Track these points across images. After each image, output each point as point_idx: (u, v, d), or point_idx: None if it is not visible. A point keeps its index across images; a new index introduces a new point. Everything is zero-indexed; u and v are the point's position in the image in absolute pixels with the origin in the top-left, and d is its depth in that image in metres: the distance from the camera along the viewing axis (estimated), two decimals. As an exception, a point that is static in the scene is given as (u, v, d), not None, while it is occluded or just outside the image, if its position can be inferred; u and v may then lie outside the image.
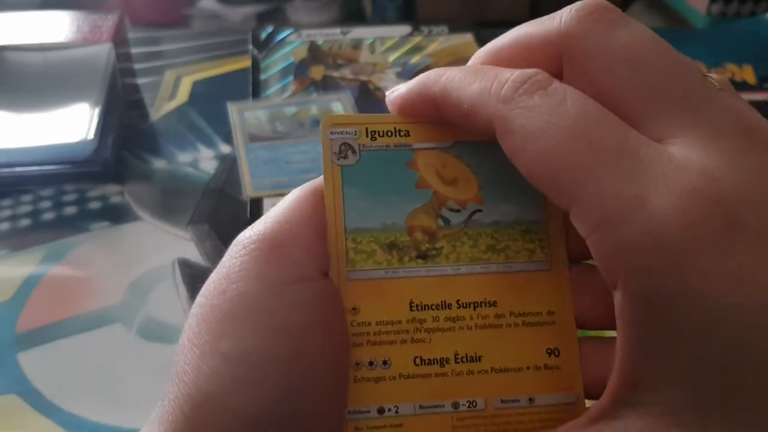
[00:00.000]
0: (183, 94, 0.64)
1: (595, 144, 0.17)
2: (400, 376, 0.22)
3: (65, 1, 0.68)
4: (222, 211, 0.51)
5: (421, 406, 0.22)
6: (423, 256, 0.22)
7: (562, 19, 0.20)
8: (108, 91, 0.56)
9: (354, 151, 0.23)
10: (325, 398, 0.21)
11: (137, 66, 0.67)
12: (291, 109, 0.60)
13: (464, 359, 0.22)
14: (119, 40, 0.62)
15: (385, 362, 0.22)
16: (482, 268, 0.23)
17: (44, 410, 0.38)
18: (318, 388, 0.20)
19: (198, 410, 0.20)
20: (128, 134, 0.58)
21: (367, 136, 0.23)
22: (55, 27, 0.62)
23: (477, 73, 0.20)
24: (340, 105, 0.61)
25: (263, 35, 0.71)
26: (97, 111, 0.54)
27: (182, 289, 0.45)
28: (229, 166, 0.55)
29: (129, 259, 0.48)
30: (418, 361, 0.22)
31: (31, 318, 0.43)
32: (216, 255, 0.48)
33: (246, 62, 0.67)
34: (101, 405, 0.38)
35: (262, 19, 0.76)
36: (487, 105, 0.19)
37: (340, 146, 0.23)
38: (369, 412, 0.22)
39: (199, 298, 0.22)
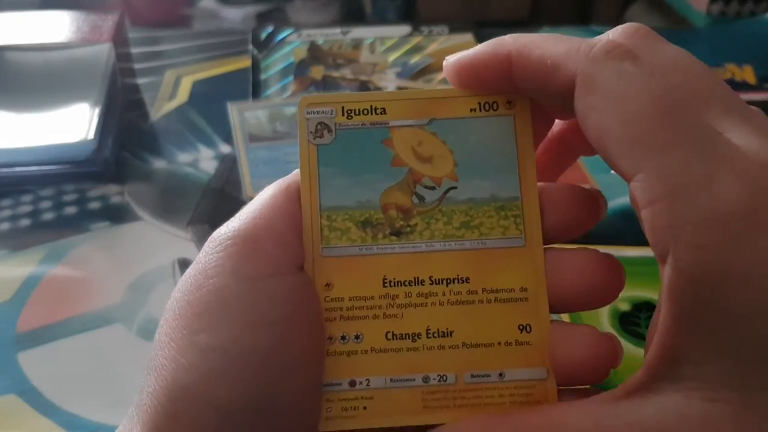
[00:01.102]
0: (183, 94, 0.64)
1: (676, 119, 0.18)
2: (371, 350, 0.22)
3: (65, 1, 0.68)
4: (222, 211, 0.51)
5: (392, 380, 0.22)
6: (397, 233, 0.23)
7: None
8: (108, 91, 0.56)
9: (330, 131, 0.23)
10: (303, 388, 0.21)
11: (137, 66, 0.67)
12: (291, 109, 0.60)
13: (436, 334, 0.22)
14: (119, 40, 0.62)
15: (357, 337, 0.22)
16: (456, 244, 0.23)
17: (44, 410, 0.38)
18: (295, 378, 0.21)
19: (176, 402, 0.20)
20: (128, 134, 0.58)
21: (343, 114, 0.23)
22: (55, 27, 0.62)
23: (559, 38, 0.21)
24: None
25: (263, 35, 0.71)
26: (97, 111, 0.54)
27: (182, 289, 0.45)
28: (229, 166, 0.55)
29: (129, 259, 0.48)
30: (389, 335, 0.22)
31: (31, 318, 0.43)
32: (216, 255, 0.48)
33: (246, 62, 0.67)
34: (101, 405, 0.38)
35: (262, 19, 0.76)
36: (574, 61, 0.20)
37: (317, 126, 0.23)
38: (341, 384, 0.22)
39: (175, 293, 0.22)
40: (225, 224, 0.22)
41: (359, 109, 0.23)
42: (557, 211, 0.23)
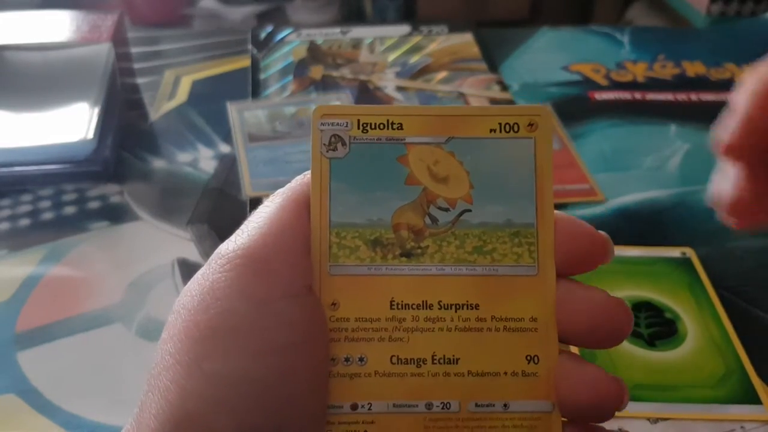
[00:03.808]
0: (182, 93, 0.63)
1: None
2: (375, 374, 0.22)
3: (65, 1, 0.68)
4: (221, 210, 0.51)
5: (394, 405, 0.22)
6: (407, 255, 0.22)
7: None
8: (107, 91, 0.56)
9: (344, 144, 0.22)
10: (308, 414, 0.21)
11: (137, 66, 0.67)
12: (290, 109, 0.60)
13: (441, 361, 0.22)
14: (119, 39, 0.62)
15: (361, 359, 0.22)
16: (467, 270, 0.22)
17: (43, 410, 0.38)
18: (301, 405, 0.20)
19: (181, 429, 0.20)
20: (128, 134, 0.58)
21: (358, 128, 0.22)
22: (55, 27, 0.62)
23: None
24: (339, 104, 0.61)
25: (263, 35, 0.71)
26: (96, 111, 0.54)
27: (182, 289, 0.45)
28: (228, 165, 0.55)
29: (128, 259, 0.48)
30: (394, 359, 0.22)
31: (31, 318, 0.43)
32: (215, 255, 0.48)
33: (246, 62, 0.67)
34: (100, 405, 0.38)
35: (262, 18, 0.76)
36: None
37: (330, 138, 0.22)
38: (342, 407, 0.22)
39: (179, 309, 0.21)
40: (232, 239, 0.22)
41: (375, 123, 0.22)
42: (569, 244, 0.22)
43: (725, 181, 0.26)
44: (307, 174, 0.23)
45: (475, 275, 0.22)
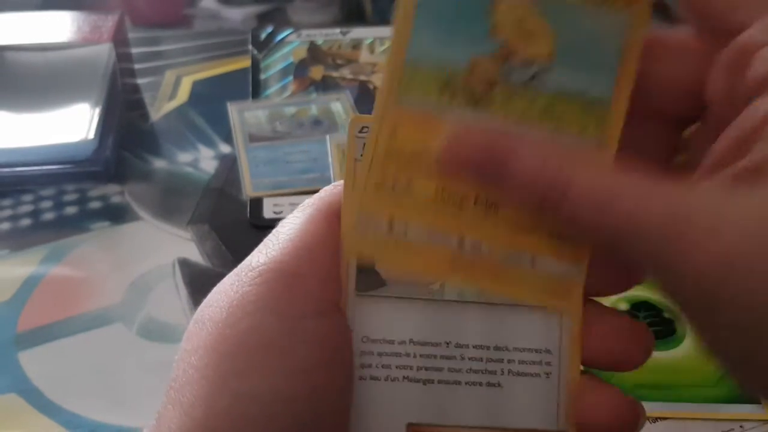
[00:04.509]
0: (183, 94, 0.64)
1: None
2: (417, 200, 0.21)
3: (65, 1, 0.68)
4: (222, 211, 0.52)
5: (429, 234, 0.22)
6: (475, 103, 0.21)
7: None
8: (108, 91, 0.56)
9: None
10: (334, 431, 0.21)
11: (137, 66, 0.67)
12: (291, 109, 0.60)
13: (482, 206, 0.22)
14: (119, 40, 0.62)
15: (408, 184, 0.22)
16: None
17: (45, 409, 0.38)
18: (326, 425, 0.20)
19: None
20: (128, 134, 0.58)
21: None
22: (56, 27, 0.62)
23: None
24: (339, 105, 0.61)
25: (263, 35, 0.71)
26: (97, 111, 0.54)
27: (182, 289, 0.45)
28: (229, 165, 0.55)
29: (129, 259, 0.48)
30: (438, 192, 0.21)
31: (32, 317, 0.43)
32: (216, 255, 0.48)
33: (246, 62, 0.67)
34: (101, 404, 0.38)
35: (262, 19, 0.76)
36: None
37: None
38: (380, 220, 0.21)
39: (204, 319, 0.21)
40: (262, 251, 0.21)
41: None
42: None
43: None
44: (338, 184, 0.22)
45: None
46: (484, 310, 0.22)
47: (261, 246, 0.22)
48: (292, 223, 0.22)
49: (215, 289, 0.22)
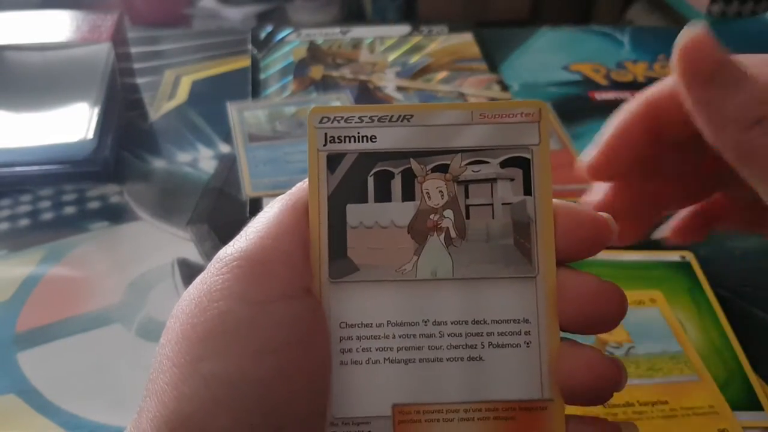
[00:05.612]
0: (182, 93, 0.63)
1: None
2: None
3: (65, 1, 0.68)
4: (221, 210, 0.51)
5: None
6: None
7: None
8: (107, 91, 0.56)
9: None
10: (308, 415, 0.21)
11: (137, 65, 0.67)
12: (290, 109, 0.60)
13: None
14: (119, 39, 0.62)
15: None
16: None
17: (43, 410, 0.38)
18: (300, 406, 0.20)
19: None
20: (128, 134, 0.58)
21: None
22: (55, 27, 0.62)
23: None
24: (339, 104, 0.61)
25: (263, 35, 0.71)
26: (96, 110, 0.54)
27: (182, 289, 0.45)
28: (228, 165, 0.55)
29: (128, 259, 0.48)
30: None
31: (31, 318, 0.43)
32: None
33: (246, 62, 0.67)
34: (100, 405, 0.38)
35: (262, 18, 0.76)
36: None
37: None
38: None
39: (177, 313, 0.21)
40: (231, 243, 0.22)
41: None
42: (574, 233, 0.22)
43: (593, 197, 0.28)
44: (306, 182, 0.23)
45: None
46: (459, 286, 0.22)
47: (232, 240, 0.22)
48: (261, 217, 0.22)
49: (191, 285, 0.22)
